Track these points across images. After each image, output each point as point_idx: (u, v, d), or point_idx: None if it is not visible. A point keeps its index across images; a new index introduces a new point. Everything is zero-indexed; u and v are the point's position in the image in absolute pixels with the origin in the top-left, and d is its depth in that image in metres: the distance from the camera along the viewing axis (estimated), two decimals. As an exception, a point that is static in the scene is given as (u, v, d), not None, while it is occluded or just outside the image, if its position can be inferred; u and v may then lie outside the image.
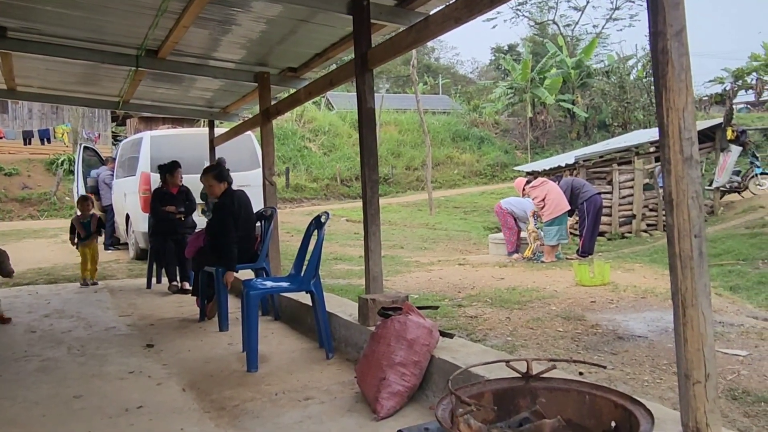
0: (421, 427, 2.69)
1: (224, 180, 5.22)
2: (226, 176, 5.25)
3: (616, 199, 12.64)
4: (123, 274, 8.66)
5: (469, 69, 50.36)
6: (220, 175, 5.23)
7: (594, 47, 30.03)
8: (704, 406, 2.05)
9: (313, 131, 27.25)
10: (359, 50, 4.20)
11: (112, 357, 4.35)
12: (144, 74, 6.50)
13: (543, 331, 4.88)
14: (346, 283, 7.28)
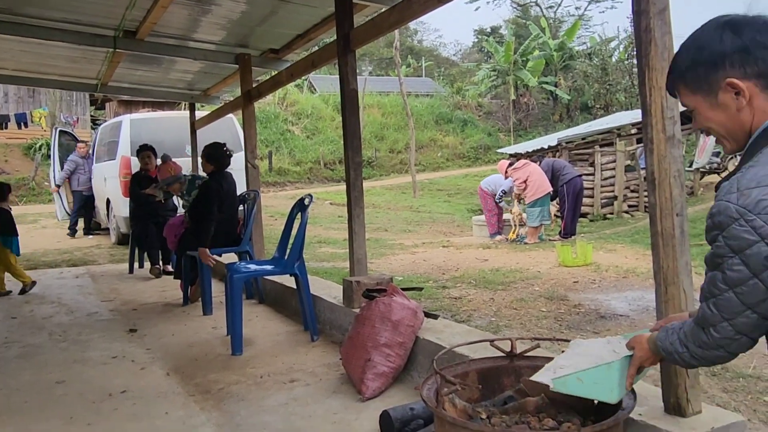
0: (407, 407, 2.72)
1: (210, 161, 5.17)
2: (212, 158, 5.19)
3: (598, 181, 12.73)
4: (104, 259, 8.57)
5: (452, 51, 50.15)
6: (207, 156, 5.20)
7: (576, 29, 30.04)
8: (685, 383, 2.08)
9: (296, 114, 27.02)
10: (341, 31, 4.15)
11: (95, 342, 4.32)
12: (122, 56, 6.39)
13: (526, 311, 4.92)
14: (330, 266, 7.28)
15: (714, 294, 1.29)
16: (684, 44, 1.39)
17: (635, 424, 2.08)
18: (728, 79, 1.29)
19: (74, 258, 8.63)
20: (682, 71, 1.37)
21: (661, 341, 1.51)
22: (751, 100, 1.29)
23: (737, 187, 1.23)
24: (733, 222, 1.21)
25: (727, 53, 1.29)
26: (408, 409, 2.69)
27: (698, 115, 1.38)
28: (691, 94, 1.37)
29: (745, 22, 1.31)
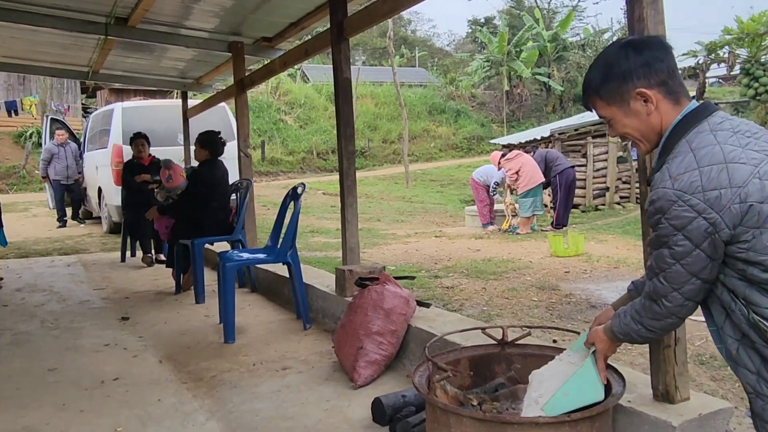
0: (399, 394, 2.74)
1: (206, 147, 5.15)
2: (207, 144, 5.17)
3: (591, 172, 12.76)
4: (96, 247, 8.55)
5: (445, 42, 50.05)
6: (202, 142, 5.19)
7: (570, 20, 29.96)
8: (673, 370, 2.11)
9: (289, 104, 26.90)
10: (335, 19, 4.14)
11: (87, 330, 4.31)
12: (114, 43, 6.33)
13: (518, 300, 4.95)
14: (323, 256, 7.29)
15: (663, 269, 1.47)
16: (593, 66, 1.62)
17: (624, 410, 2.11)
18: (638, 89, 1.52)
19: (65, 246, 8.60)
20: (597, 87, 1.59)
21: (617, 326, 1.67)
22: (657, 105, 1.53)
23: (669, 176, 1.42)
24: (672, 204, 1.40)
25: (633, 68, 1.53)
26: (400, 397, 2.71)
27: (615, 123, 1.60)
28: (606, 106, 1.59)
29: (643, 43, 1.58)
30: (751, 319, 1.39)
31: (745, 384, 1.47)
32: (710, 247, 1.39)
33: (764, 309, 1.37)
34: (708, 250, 1.39)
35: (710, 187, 1.36)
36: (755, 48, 10.35)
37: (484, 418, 1.86)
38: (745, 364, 1.45)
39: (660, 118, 1.53)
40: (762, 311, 1.37)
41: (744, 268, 1.39)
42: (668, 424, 1.97)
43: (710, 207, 1.36)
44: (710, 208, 1.36)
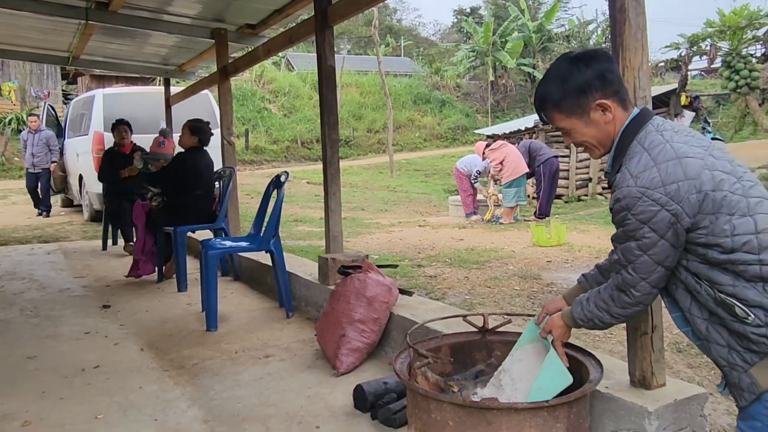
0: (380, 381, 2.76)
1: (195, 134, 5.13)
2: (198, 131, 5.15)
3: (573, 163, 12.85)
4: (77, 235, 8.46)
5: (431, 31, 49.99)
6: (192, 128, 5.18)
7: (555, 11, 30.05)
8: (650, 357, 2.14)
9: (273, 92, 26.73)
10: (319, 6, 4.11)
11: (67, 318, 4.28)
12: (94, 28, 6.23)
13: (500, 289, 4.99)
14: (306, 245, 7.28)
15: (631, 260, 1.57)
16: (547, 81, 1.69)
17: (602, 396, 2.14)
18: (597, 101, 1.62)
19: (45, 234, 8.50)
20: (558, 102, 1.66)
21: (578, 314, 1.78)
22: (614, 114, 1.64)
23: (630, 175, 1.53)
24: (637, 201, 1.50)
25: (589, 81, 1.62)
26: (381, 383, 2.73)
27: (574, 134, 1.69)
28: (566, 118, 1.67)
29: (592, 55, 1.67)
30: (717, 297, 1.50)
31: (717, 359, 1.56)
32: (673, 236, 1.50)
33: (727, 287, 1.48)
34: (671, 239, 1.50)
35: (669, 181, 1.48)
36: (736, 41, 10.46)
37: (464, 403, 1.88)
38: (715, 340, 1.54)
39: (615, 125, 1.64)
40: (725, 288, 1.48)
41: (705, 252, 1.50)
42: (644, 410, 2.01)
43: (671, 199, 1.47)
44: (671, 201, 1.47)
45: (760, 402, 1.49)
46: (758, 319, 1.45)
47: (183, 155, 5.17)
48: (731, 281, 1.48)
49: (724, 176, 1.49)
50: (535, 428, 1.83)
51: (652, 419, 1.99)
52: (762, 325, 1.44)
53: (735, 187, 1.48)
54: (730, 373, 1.53)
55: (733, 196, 1.48)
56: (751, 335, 1.46)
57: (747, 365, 1.49)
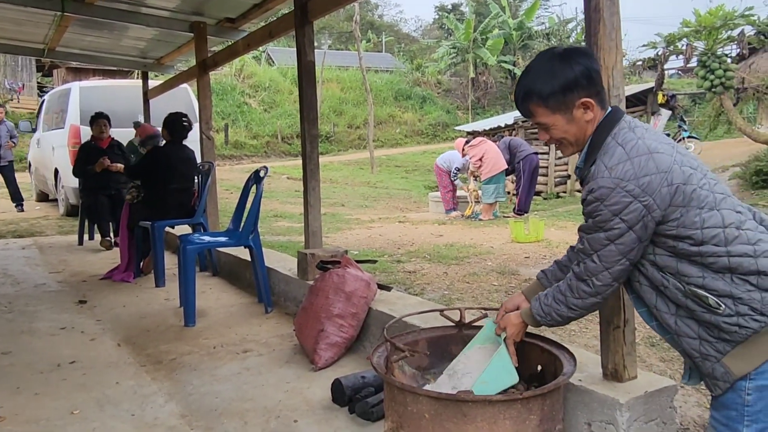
0: (358, 375, 2.78)
1: (166, 128, 5.16)
2: (166, 126, 5.17)
3: (552, 160, 12.98)
4: (52, 230, 8.35)
5: (412, 27, 50.03)
6: (165, 122, 5.21)
7: (536, 9, 30.24)
8: (622, 350, 2.19)
9: (253, 87, 26.56)
10: (299, 1, 4.10)
11: (42, 313, 4.23)
12: (71, 20, 6.15)
13: (479, 285, 5.03)
14: (286, 240, 7.26)
15: (597, 249, 1.60)
16: (533, 75, 1.68)
17: (575, 389, 2.18)
18: (583, 99, 1.64)
19: (20, 229, 8.37)
20: (544, 97, 1.65)
21: (536, 309, 1.81)
22: (594, 113, 1.66)
23: (605, 167, 1.56)
24: (611, 192, 1.54)
25: (577, 79, 1.63)
26: (359, 378, 2.75)
27: (554, 130, 1.69)
28: (550, 114, 1.67)
29: (580, 53, 1.68)
30: (687, 290, 1.54)
31: (689, 351, 1.60)
32: (642, 229, 1.54)
33: (696, 278, 1.53)
34: (639, 232, 1.54)
35: (642, 174, 1.52)
36: (712, 41, 10.59)
37: (440, 396, 1.90)
38: (685, 333, 1.58)
39: (593, 124, 1.67)
40: (695, 281, 1.53)
41: (674, 245, 1.55)
42: (616, 401, 2.05)
43: (644, 191, 1.52)
44: (644, 193, 1.52)
45: (734, 391, 1.53)
46: (728, 309, 1.50)
47: (157, 148, 5.16)
48: (700, 273, 1.52)
49: (692, 171, 1.55)
50: (509, 420, 1.86)
51: (624, 411, 2.04)
52: (733, 314, 1.49)
53: (702, 182, 1.54)
54: (703, 364, 1.57)
55: (701, 190, 1.53)
56: (722, 325, 1.51)
57: (720, 355, 1.53)
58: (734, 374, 1.52)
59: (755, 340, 1.51)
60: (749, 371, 1.51)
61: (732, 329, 1.50)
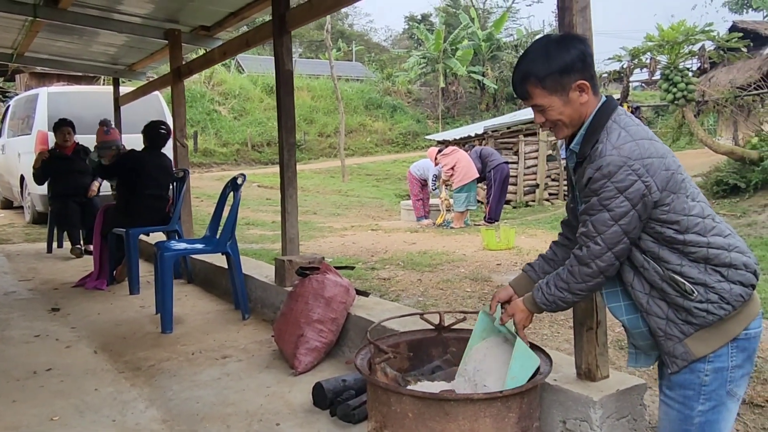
0: (339, 378, 2.83)
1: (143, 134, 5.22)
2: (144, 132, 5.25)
3: (522, 169, 13.20)
4: (19, 238, 8.19)
5: (382, 37, 50.26)
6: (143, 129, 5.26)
7: (504, 21, 30.72)
8: (595, 350, 2.29)
9: (223, 94, 26.39)
10: (277, 11, 4.16)
11: (15, 321, 4.18)
12: (42, 25, 6.09)
13: (452, 291, 5.12)
14: (259, 248, 7.26)
15: (601, 231, 1.66)
16: (531, 58, 1.75)
17: (551, 388, 2.27)
18: (579, 81, 1.71)
19: (-15, 237, 8.21)
20: (542, 78, 1.72)
21: (539, 297, 1.84)
22: (588, 95, 1.73)
23: (613, 146, 1.63)
24: (618, 169, 1.60)
25: (573, 61, 1.70)
26: (340, 381, 2.80)
27: (551, 111, 1.75)
28: (548, 95, 1.73)
29: (577, 39, 1.79)
30: (665, 275, 1.65)
31: (655, 329, 1.70)
32: (643, 208, 1.62)
33: (675, 265, 1.64)
34: (641, 211, 1.62)
35: (646, 155, 1.61)
36: (674, 55, 10.93)
37: (423, 395, 1.97)
38: (655, 312, 1.69)
39: (588, 106, 1.74)
40: (673, 267, 1.64)
41: (661, 231, 1.65)
42: (589, 399, 2.15)
43: (647, 172, 1.61)
44: (647, 173, 1.61)
45: (691, 372, 1.66)
46: (700, 295, 1.62)
47: (133, 152, 5.14)
48: (679, 261, 1.64)
49: (680, 163, 1.68)
50: (489, 417, 1.94)
51: (597, 408, 2.13)
52: (704, 301, 1.62)
53: (685, 174, 1.68)
54: (665, 343, 1.69)
55: (687, 182, 1.67)
56: (693, 309, 1.63)
57: (683, 335, 1.66)
58: (694, 355, 1.65)
59: (717, 326, 1.65)
60: (708, 353, 1.65)
61: (701, 314, 1.63)
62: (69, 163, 6.74)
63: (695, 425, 1.68)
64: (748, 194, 10.07)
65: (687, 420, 1.69)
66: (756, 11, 31.63)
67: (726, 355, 1.66)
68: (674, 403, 1.72)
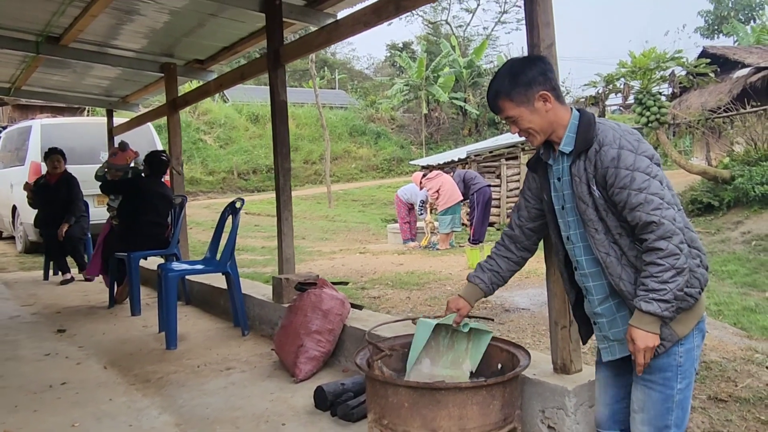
0: (338, 382, 3.08)
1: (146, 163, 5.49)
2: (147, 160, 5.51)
3: (504, 192, 13.56)
4: (14, 266, 8.35)
5: (365, 65, 50.89)
6: (146, 158, 5.53)
7: (484, 48, 31.47)
8: (569, 346, 2.56)
9: (209, 123, 26.69)
10: (272, 46, 4.47)
11: (24, 342, 4.37)
12: (41, 60, 6.36)
13: (440, 307, 5.37)
14: (251, 271, 7.47)
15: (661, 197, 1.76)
16: (500, 77, 1.99)
17: (530, 381, 2.54)
18: (541, 92, 1.94)
19: (-20, 266, 8.34)
20: (509, 92, 1.96)
21: (659, 308, 1.74)
22: (553, 105, 1.95)
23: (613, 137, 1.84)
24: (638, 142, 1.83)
25: (535, 76, 1.95)
26: (339, 385, 3.04)
27: (521, 120, 1.98)
28: (516, 107, 1.97)
29: (537, 58, 2.06)
30: None
31: (625, 293, 1.86)
32: None
33: None
34: None
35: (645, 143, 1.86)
36: (646, 80, 11.44)
37: (417, 385, 2.23)
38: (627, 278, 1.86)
39: (555, 115, 1.95)
40: None
41: None
42: (564, 389, 2.41)
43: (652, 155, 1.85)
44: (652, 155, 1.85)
45: (668, 356, 1.86)
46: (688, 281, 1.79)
47: (136, 178, 5.40)
48: None
49: None
50: (476, 405, 2.20)
51: (571, 396, 2.40)
52: (689, 286, 1.80)
53: None
54: (630, 302, 1.84)
55: None
56: None
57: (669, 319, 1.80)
58: (677, 336, 1.83)
59: (692, 309, 1.85)
60: (685, 334, 1.85)
61: (686, 299, 1.82)
62: (52, 193, 6.89)
63: (675, 402, 1.87)
64: (722, 212, 10.50)
65: (669, 399, 1.87)
66: (726, 36, 32.77)
67: (692, 336, 1.87)
68: (656, 385, 1.88)
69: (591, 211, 1.89)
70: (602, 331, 1.99)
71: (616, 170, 1.80)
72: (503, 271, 2.31)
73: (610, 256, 1.88)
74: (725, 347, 4.01)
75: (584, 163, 1.89)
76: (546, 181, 2.08)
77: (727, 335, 4.32)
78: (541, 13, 2.50)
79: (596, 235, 1.89)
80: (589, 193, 1.88)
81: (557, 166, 2.01)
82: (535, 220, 2.22)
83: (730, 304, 5.25)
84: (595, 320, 2.01)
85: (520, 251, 2.30)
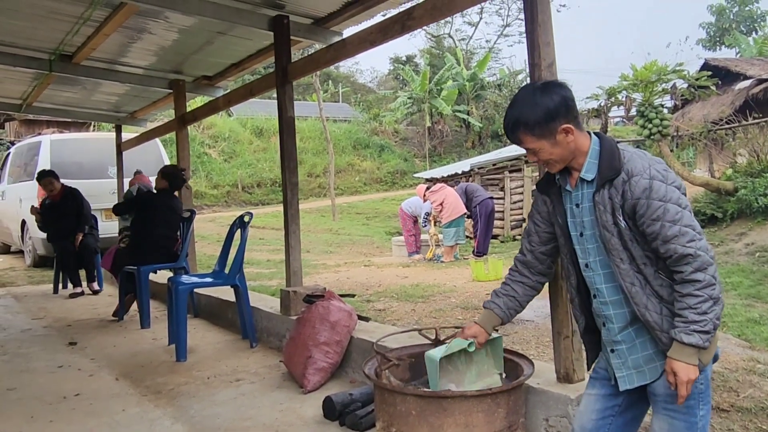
0: (346, 393, 3.15)
1: (165, 178, 5.52)
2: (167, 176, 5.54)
3: (508, 204, 13.64)
4: (23, 281, 8.44)
5: (368, 78, 51.19)
6: (164, 173, 5.57)
7: (487, 61, 31.67)
8: (571, 356, 2.63)
9: (213, 137, 26.90)
10: (280, 64, 4.58)
11: (37, 354, 4.45)
12: (54, 78, 6.49)
13: (445, 319, 5.44)
14: (257, 284, 7.54)
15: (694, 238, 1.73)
16: (520, 106, 1.91)
17: (534, 390, 2.60)
18: (564, 125, 1.87)
19: (-11, 280, 8.44)
20: (531, 126, 1.88)
21: (695, 339, 1.71)
22: (575, 135, 1.89)
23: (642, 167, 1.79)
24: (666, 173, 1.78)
25: (557, 108, 1.87)
26: (347, 395, 3.11)
27: (542, 153, 1.92)
28: (537, 140, 1.90)
29: (554, 85, 1.94)
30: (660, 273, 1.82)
31: (651, 323, 1.81)
32: None
33: None
34: None
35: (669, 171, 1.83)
36: (648, 93, 11.52)
37: (424, 394, 2.30)
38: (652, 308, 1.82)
39: (576, 142, 1.89)
40: None
41: None
42: (568, 398, 2.48)
43: None
44: None
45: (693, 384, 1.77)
46: None
47: (149, 193, 5.50)
48: None
49: None
50: (482, 412, 2.27)
51: (574, 405, 2.46)
52: None
53: None
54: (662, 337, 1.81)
55: None
56: None
57: None
58: (704, 364, 1.78)
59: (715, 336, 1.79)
60: (709, 361, 1.81)
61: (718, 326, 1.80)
62: (60, 208, 7.02)
63: (699, 428, 1.83)
64: (725, 224, 10.54)
65: (693, 426, 1.82)
66: (728, 48, 32.93)
67: (710, 363, 1.84)
68: (679, 414, 1.82)
69: (616, 240, 1.83)
70: (621, 358, 1.92)
71: (648, 201, 1.76)
72: (519, 296, 2.25)
73: (635, 286, 1.83)
74: (728, 358, 4.06)
75: (609, 192, 1.83)
76: (561, 206, 2.01)
77: (730, 346, 4.37)
78: (541, 33, 2.60)
79: (621, 264, 1.83)
80: (614, 223, 1.82)
81: (576, 193, 1.94)
82: (547, 243, 2.16)
83: (734, 315, 5.29)
84: (614, 348, 1.93)
85: (534, 275, 2.24)
